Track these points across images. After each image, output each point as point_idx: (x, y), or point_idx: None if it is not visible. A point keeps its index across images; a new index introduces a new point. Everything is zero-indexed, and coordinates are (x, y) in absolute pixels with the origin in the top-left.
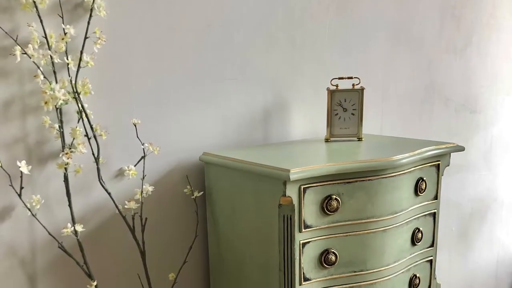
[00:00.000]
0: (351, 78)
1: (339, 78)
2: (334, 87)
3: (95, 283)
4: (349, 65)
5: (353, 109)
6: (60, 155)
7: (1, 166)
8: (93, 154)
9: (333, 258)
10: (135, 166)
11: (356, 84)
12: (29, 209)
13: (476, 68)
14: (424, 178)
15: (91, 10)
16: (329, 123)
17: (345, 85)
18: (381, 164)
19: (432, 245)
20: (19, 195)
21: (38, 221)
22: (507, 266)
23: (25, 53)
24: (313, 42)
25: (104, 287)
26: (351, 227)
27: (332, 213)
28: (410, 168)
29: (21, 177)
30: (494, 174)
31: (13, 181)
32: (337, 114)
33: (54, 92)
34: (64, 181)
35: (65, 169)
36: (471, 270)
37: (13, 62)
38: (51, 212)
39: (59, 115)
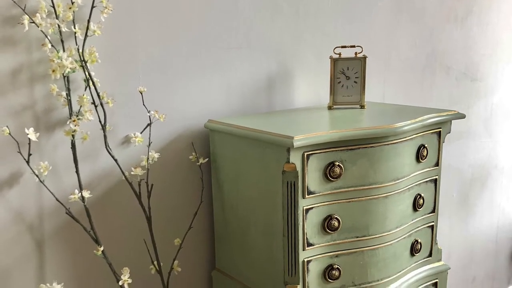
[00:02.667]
0: (353, 46)
1: (342, 47)
2: (337, 56)
3: (101, 248)
4: (351, 34)
5: (355, 77)
6: (68, 122)
7: (9, 133)
8: (100, 121)
9: (336, 223)
10: (141, 133)
11: (359, 53)
12: (37, 176)
13: (476, 37)
14: (426, 145)
15: None
16: (332, 91)
17: (347, 53)
18: (383, 131)
19: (433, 211)
20: (27, 162)
21: (46, 187)
22: (507, 231)
23: (33, 22)
24: (317, 11)
25: (111, 252)
26: (354, 193)
27: (335, 180)
28: (412, 135)
29: (29, 144)
30: (495, 141)
31: (21, 148)
32: (340, 82)
33: (61, 60)
34: (71, 148)
35: (73, 136)
36: (472, 235)
37: (21, 31)
38: (59, 178)
39: (66, 83)
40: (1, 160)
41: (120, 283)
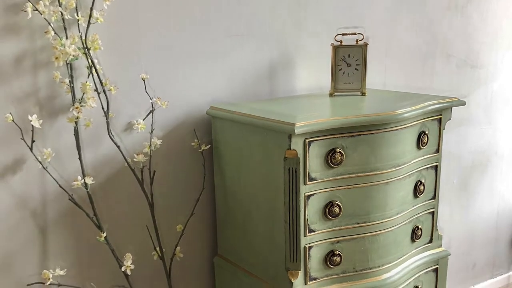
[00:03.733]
0: (354, 34)
1: (343, 34)
2: (338, 43)
3: (104, 234)
4: (353, 21)
5: (356, 64)
6: (71, 109)
7: (13, 120)
8: (102, 108)
9: (337, 210)
10: (143, 120)
11: (360, 40)
12: (40, 162)
13: (477, 24)
14: (426, 132)
15: None
16: (333, 78)
17: (348, 41)
18: (384, 118)
19: (434, 197)
20: (30, 148)
21: (49, 173)
22: (507, 217)
23: (36, 10)
24: None
25: (113, 238)
26: (355, 179)
27: (336, 166)
28: (412, 122)
29: (32, 130)
30: (495, 128)
31: (24, 134)
32: (341, 69)
33: (64, 47)
34: (74, 134)
35: (75, 123)
36: (472, 221)
37: (24, 18)
38: (62, 165)
39: (69, 70)
40: (5, 146)
41: (123, 269)
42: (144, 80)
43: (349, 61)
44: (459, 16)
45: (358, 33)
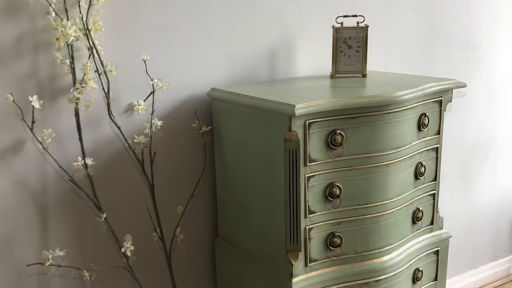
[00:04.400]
0: (355, 16)
1: (344, 16)
2: (339, 25)
3: (104, 215)
4: (354, 3)
5: (357, 46)
6: (71, 90)
7: (13, 101)
8: (103, 89)
9: (337, 191)
10: (144, 101)
11: (361, 22)
12: (40, 143)
13: (478, 7)
14: (427, 114)
15: None
16: (334, 60)
17: (349, 23)
18: (384, 100)
19: (434, 179)
20: (31, 129)
21: (50, 154)
22: (509, 199)
23: None
24: None
25: (113, 219)
26: (355, 161)
27: (336, 148)
28: (413, 103)
29: (32, 111)
30: (496, 111)
31: (25, 115)
32: (342, 51)
33: (65, 29)
34: (75, 115)
35: (76, 103)
36: (474, 204)
37: None
38: (62, 146)
39: (70, 51)
40: (5, 127)
41: (123, 250)
42: (145, 62)
43: (350, 43)
44: None
45: (359, 15)
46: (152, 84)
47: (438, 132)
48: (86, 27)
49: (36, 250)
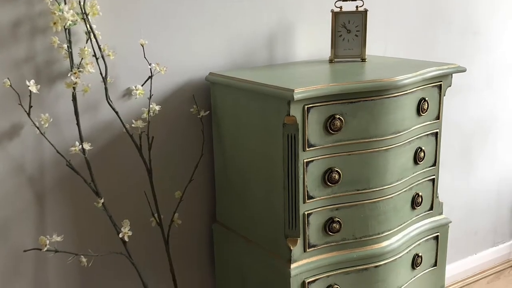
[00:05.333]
0: (354, 0)
1: (343, 0)
2: (338, 9)
3: (102, 200)
4: None
5: (356, 31)
6: (69, 75)
7: (10, 85)
8: (101, 74)
9: (337, 176)
10: (142, 85)
11: (360, 6)
12: (37, 128)
13: None
14: (426, 98)
15: None
16: (333, 44)
17: (349, 7)
18: (383, 84)
19: (434, 164)
20: (28, 114)
21: (47, 139)
22: (509, 184)
23: None
24: None
25: (111, 204)
26: (354, 146)
27: (335, 133)
28: (412, 88)
29: (30, 96)
30: (496, 95)
31: (22, 100)
32: (341, 35)
33: (62, 13)
34: (72, 100)
35: (74, 88)
36: (474, 189)
37: None
38: (60, 130)
39: (67, 35)
40: (2, 112)
41: (120, 235)
42: (143, 46)
43: (349, 27)
44: None
45: None
46: (150, 69)
47: (438, 117)
48: (83, 11)
49: (33, 235)
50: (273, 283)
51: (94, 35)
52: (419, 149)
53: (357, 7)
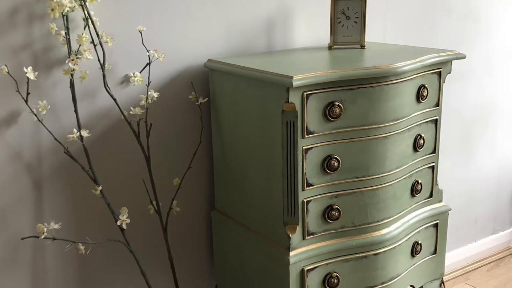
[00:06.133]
0: None
1: None
2: None
3: (100, 188)
4: None
5: (356, 17)
6: (66, 61)
7: (8, 72)
8: (99, 60)
9: (336, 164)
10: (140, 72)
11: None
12: (35, 115)
13: None
14: (426, 85)
15: None
16: (332, 31)
17: None
18: (383, 71)
19: (434, 152)
20: (26, 101)
21: (44, 126)
22: (509, 172)
23: None
24: None
25: (109, 191)
26: (354, 133)
27: (334, 120)
28: (412, 75)
29: (27, 83)
30: (496, 82)
31: (19, 87)
32: (340, 22)
33: None
34: (70, 87)
35: (71, 75)
36: (473, 176)
37: None
38: (57, 117)
39: (65, 22)
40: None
41: (118, 223)
42: (141, 33)
43: (348, 14)
44: None
45: None
46: (148, 56)
47: (437, 104)
48: None
49: (30, 223)
50: (272, 270)
51: (92, 22)
52: (419, 136)
53: None
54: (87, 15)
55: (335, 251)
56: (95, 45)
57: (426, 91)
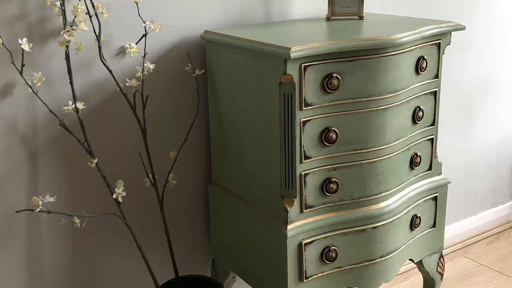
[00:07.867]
0: None
1: None
2: None
3: (95, 161)
4: None
5: None
6: (62, 33)
7: (2, 43)
8: (94, 32)
9: (334, 136)
10: (136, 44)
11: None
12: (30, 86)
13: None
14: (425, 57)
15: None
16: (330, 2)
17: None
18: (381, 43)
19: (433, 124)
20: (20, 72)
21: (39, 98)
22: (509, 144)
23: None
24: None
25: (105, 164)
26: (352, 105)
27: (332, 91)
28: (411, 47)
29: (22, 54)
30: (496, 54)
31: (14, 58)
32: None
33: None
34: (65, 58)
35: (67, 46)
36: (473, 149)
37: None
38: (52, 89)
39: None
40: None
41: (114, 196)
42: (137, 4)
43: None
44: None
45: None
46: (145, 27)
47: (437, 76)
48: None
49: (25, 196)
50: (270, 244)
51: None
52: (418, 108)
53: None
54: None
55: (333, 225)
56: (90, 16)
57: (425, 62)
